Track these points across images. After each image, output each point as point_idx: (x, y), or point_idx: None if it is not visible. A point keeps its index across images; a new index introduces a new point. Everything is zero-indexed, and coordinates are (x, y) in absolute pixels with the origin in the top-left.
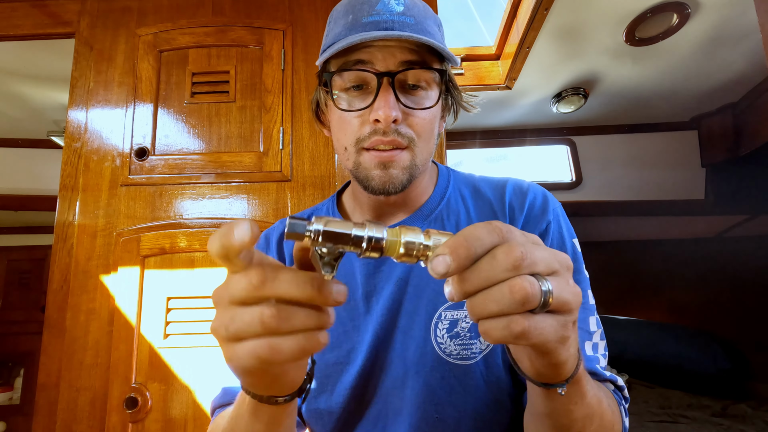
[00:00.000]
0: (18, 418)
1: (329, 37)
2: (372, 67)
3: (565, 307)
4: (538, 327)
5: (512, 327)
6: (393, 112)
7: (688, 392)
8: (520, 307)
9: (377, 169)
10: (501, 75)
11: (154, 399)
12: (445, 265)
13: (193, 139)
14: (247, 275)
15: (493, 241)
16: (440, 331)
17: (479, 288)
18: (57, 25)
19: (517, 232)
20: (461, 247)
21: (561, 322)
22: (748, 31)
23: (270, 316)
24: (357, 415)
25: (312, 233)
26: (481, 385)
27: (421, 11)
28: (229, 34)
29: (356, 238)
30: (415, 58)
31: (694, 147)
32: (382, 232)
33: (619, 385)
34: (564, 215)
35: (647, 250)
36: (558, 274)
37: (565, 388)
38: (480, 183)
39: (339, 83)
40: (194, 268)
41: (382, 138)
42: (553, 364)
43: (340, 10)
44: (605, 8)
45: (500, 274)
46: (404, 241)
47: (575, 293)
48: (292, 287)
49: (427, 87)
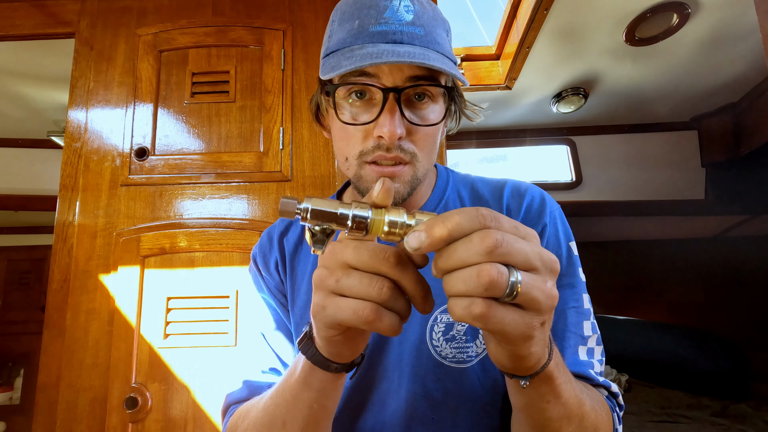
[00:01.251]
0: (18, 418)
1: (332, 41)
2: (378, 81)
3: (533, 304)
4: (497, 316)
5: (471, 308)
6: (398, 130)
7: (688, 392)
8: (483, 291)
9: None
10: (501, 75)
11: (154, 399)
12: (419, 241)
13: (193, 139)
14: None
15: (473, 226)
16: (436, 334)
17: (452, 267)
18: (57, 25)
19: (505, 220)
20: (437, 226)
21: (525, 319)
22: (748, 31)
23: (389, 288)
24: (352, 415)
25: (301, 211)
26: (477, 388)
27: (431, 18)
28: (229, 34)
29: (342, 216)
30: (423, 73)
31: (694, 147)
32: (367, 212)
33: (613, 391)
34: (562, 217)
35: (647, 250)
36: (536, 272)
37: (528, 382)
38: (478, 184)
39: (342, 92)
40: (194, 268)
41: (385, 154)
42: (511, 356)
43: (345, 11)
44: (605, 8)
45: (473, 257)
46: (388, 220)
47: (549, 295)
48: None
49: (432, 99)
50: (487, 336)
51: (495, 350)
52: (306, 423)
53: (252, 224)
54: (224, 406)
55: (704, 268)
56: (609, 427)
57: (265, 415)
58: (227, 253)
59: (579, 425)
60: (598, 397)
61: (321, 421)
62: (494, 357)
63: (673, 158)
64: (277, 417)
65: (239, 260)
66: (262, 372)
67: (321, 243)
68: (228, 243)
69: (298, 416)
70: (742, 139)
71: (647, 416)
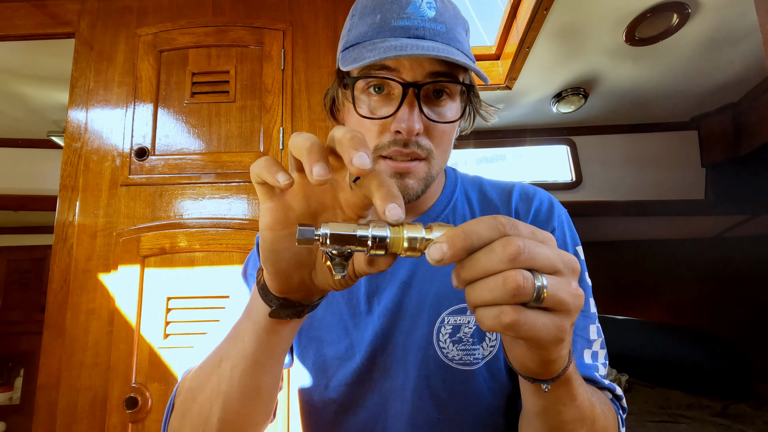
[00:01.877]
0: (18, 418)
1: (353, 34)
2: (398, 75)
3: (561, 306)
4: (528, 321)
5: (501, 317)
6: (417, 125)
7: (688, 392)
8: (511, 298)
9: (393, 178)
10: (501, 75)
11: (154, 399)
12: (441, 252)
13: (193, 139)
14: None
15: (492, 235)
16: (443, 336)
17: (476, 277)
18: (57, 25)
19: (523, 226)
20: (458, 237)
21: (556, 322)
22: (748, 31)
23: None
24: (351, 412)
25: (320, 237)
26: (484, 390)
27: (452, 16)
28: (229, 34)
29: (361, 237)
30: (444, 69)
31: (694, 147)
32: (385, 231)
33: (617, 394)
34: (569, 222)
35: (647, 250)
36: (560, 274)
37: (549, 385)
38: (487, 186)
39: (361, 85)
40: (194, 268)
41: (402, 149)
42: (542, 360)
43: (367, 5)
44: (605, 8)
45: (496, 266)
46: (407, 236)
47: (575, 295)
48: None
49: (451, 97)
50: (511, 343)
51: (524, 356)
52: (243, 361)
53: (252, 224)
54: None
55: (704, 268)
56: (616, 430)
57: (210, 356)
58: (227, 253)
59: (591, 428)
60: (606, 400)
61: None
62: (521, 363)
63: (673, 158)
64: (218, 352)
65: (239, 260)
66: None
67: (341, 267)
68: (228, 243)
69: (234, 352)
70: (742, 139)
71: (647, 416)
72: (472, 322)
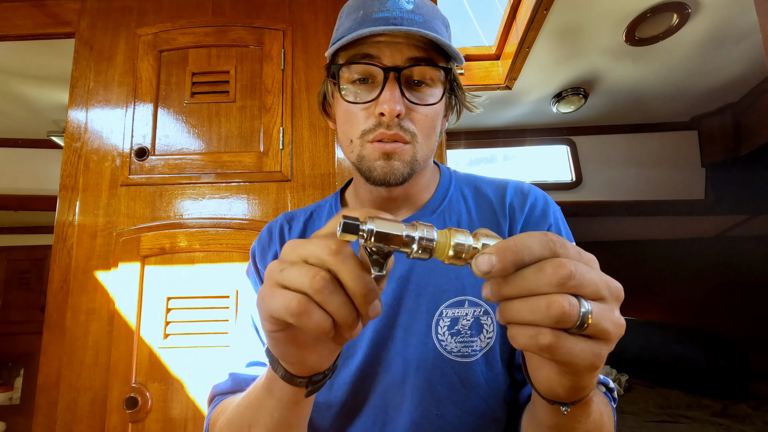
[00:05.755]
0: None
1: (339, 31)
2: (379, 61)
3: (602, 335)
4: (566, 347)
5: (539, 339)
6: (397, 106)
7: (688, 392)
8: (553, 323)
9: (380, 159)
10: (501, 75)
11: (154, 399)
12: (490, 264)
13: (193, 139)
14: (328, 241)
15: (543, 253)
16: (441, 329)
17: (519, 295)
18: (57, 25)
19: (572, 247)
20: (509, 251)
21: (594, 350)
22: (748, 31)
23: (321, 278)
24: (355, 409)
25: (365, 233)
26: (482, 382)
27: (430, 10)
28: (229, 34)
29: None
30: (422, 54)
31: (694, 147)
32: (432, 234)
33: (610, 387)
34: (563, 219)
35: (647, 250)
36: (604, 301)
37: (569, 408)
38: (481, 183)
39: (346, 76)
40: (194, 267)
41: (386, 131)
42: (573, 386)
43: (352, 5)
44: (605, 8)
45: (543, 287)
46: (454, 243)
47: (618, 324)
48: (351, 274)
49: (431, 84)
50: (539, 365)
51: (552, 380)
52: (270, 430)
53: (252, 224)
54: (210, 396)
55: (704, 268)
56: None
57: (237, 414)
58: (227, 253)
59: None
60: (606, 401)
61: (293, 427)
62: (548, 387)
63: (673, 158)
64: (245, 418)
65: (239, 260)
66: (247, 365)
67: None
68: (228, 243)
69: (262, 422)
70: (742, 139)
71: (647, 416)
72: (470, 315)
